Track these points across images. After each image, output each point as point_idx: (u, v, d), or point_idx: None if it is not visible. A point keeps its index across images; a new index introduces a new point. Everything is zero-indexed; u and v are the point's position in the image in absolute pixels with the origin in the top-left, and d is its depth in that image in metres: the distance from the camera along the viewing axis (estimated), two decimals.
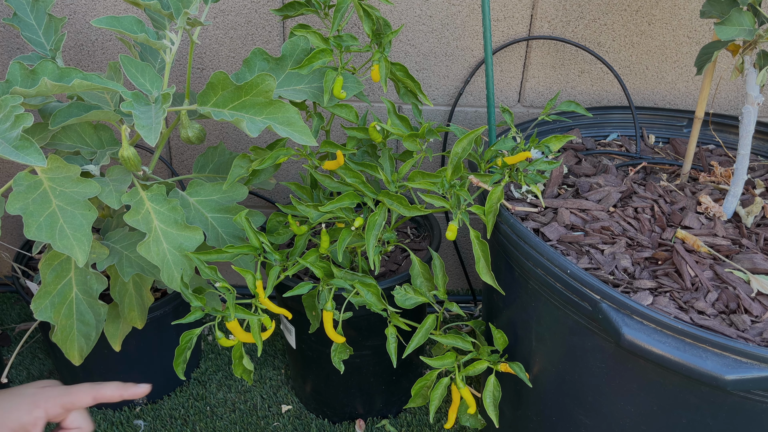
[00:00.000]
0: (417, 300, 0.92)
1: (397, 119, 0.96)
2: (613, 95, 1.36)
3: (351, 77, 0.97)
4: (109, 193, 0.86)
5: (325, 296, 0.93)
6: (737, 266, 0.82)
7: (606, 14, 1.27)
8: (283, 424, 1.28)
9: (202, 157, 1.08)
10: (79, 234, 0.79)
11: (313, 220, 0.93)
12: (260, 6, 1.26)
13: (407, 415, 1.30)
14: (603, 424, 0.81)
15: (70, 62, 1.30)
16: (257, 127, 0.80)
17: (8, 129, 0.71)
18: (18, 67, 0.76)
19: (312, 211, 0.93)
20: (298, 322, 1.14)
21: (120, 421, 1.26)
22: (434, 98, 1.36)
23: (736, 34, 0.81)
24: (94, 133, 0.94)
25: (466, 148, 0.87)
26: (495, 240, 0.91)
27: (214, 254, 0.89)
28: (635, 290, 0.79)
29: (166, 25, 0.93)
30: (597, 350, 0.77)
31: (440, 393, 0.89)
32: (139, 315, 1.03)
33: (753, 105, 0.88)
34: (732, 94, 1.37)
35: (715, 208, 0.94)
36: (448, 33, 1.28)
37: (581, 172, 1.06)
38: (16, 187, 0.78)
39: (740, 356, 0.63)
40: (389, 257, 1.16)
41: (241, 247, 0.90)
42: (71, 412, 0.73)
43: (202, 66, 1.31)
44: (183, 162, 1.44)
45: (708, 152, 1.16)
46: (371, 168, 0.95)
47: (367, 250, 0.88)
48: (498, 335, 0.90)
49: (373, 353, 1.15)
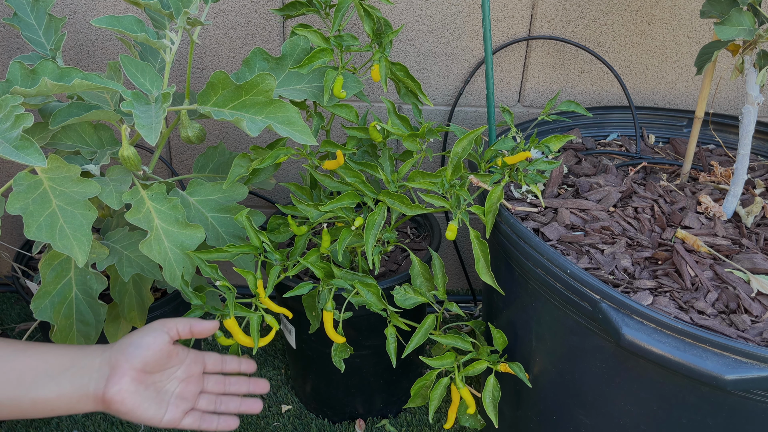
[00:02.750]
0: (417, 300, 0.92)
1: (397, 119, 0.96)
2: (613, 95, 1.36)
3: (351, 77, 0.97)
4: (110, 193, 0.86)
5: (325, 296, 0.93)
6: (737, 266, 0.82)
7: (606, 14, 1.27)
8: (283, 424, 1.28)
9: (202, 156, 1.08)
10: (79, 234, 0.79)
11: (313, 219, 0.93)
12: (260, 6, 1.26)
13: (407, 415, 1.30)
14: (603, 424, 0.81)
15: (70, 62, 1.30)
16: (257, 126, 0.80)
17: (8, 129, 0.71)
18: (18, 67, 0.76)
19: (312, 211, 0.93)
20: (299, 322, 1.14)
21: (120, 420, 1.26)
22: (434, 98, 1.36)
23: (736, 34, 0.81)
24: (94, 132, 0.94)
25: (466, 148, 0.87)
26: (495, 240, 0.91)
27: (215, 253, 0.89)
28: (635, 290, 0.79)
29: (166, 25, 0.93)
30: (597, 350, 0.77)
31: (439, 393, 0.89)
32: (139, 315, 1.03)
33: (753, 105, 0.88)
34: (732, 94, 1.37)
35: (715, 208, 0.94)
36: (448, 33, 1.28)
37: (581, 172, 1.06)
38: (16, 187, 0.78)
39: (740, 356, 0.63)
40: (389, 257, 1.16)
41: (241, 246, 0.90)
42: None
43: (202, 66, 1.31)
44: (183, 162, 1.44)
45: (708, 152, 1.16)
46: (371, 168, 0.95)
47: (366, 250, 0.88)
48: (497, 335, 0.90)
49: (373, 353, 1.15)
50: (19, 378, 0.69)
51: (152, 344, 0.73)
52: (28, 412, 0.69)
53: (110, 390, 0.70)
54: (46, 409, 0.70)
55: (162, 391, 0.75)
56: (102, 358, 0.72)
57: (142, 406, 0.72)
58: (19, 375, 0.69)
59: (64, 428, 1.25)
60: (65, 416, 1.26)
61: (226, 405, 0.82)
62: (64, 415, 0.73)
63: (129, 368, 0.71)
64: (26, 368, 0.69)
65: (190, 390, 0.78)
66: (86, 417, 1.27)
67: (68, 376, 0.70)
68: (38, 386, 0.69)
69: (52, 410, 0.70)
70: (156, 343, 0.74)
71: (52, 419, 1.26)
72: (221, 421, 0.80)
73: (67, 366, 0.71)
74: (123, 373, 0.71)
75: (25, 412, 0.69)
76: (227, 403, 0.82)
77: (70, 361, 0.71)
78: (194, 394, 0.79)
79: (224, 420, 0.80)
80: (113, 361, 0.71)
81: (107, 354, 0.72)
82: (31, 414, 0.70)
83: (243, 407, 0.83)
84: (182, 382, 0.78)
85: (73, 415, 0.74)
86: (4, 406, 0.68)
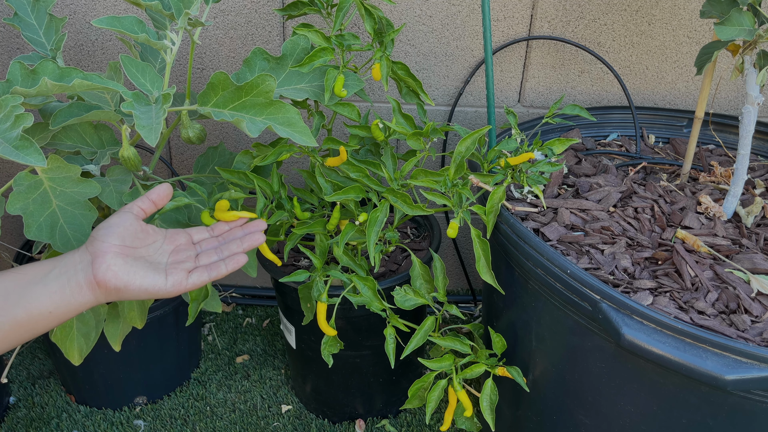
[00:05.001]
0: (416, 301, 0.92)
1: (401, 118, 0.96)
2: (613, 95, 1.36)
3: (352, 75, 0.97)
4: (110, 193, 0.86)
5: (320, 287, 0.93)
6: (737, 266, 0.82)
7: (606, 14, 1.27)
8: (283, 424, 1.28)
9: (202, 157, 1.08)
10: (79, 234, 0.80)
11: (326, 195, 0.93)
12: (260, 6, 1.26)
13: (407, 415, 1.30)
14: (603, 424, 0.81)
15: (71, 62, 1.30)
16: (257, 127, 0.80)
17: (8, 129, 0.71)
18: (18, 67, 0.76)
19: (328, 187, 0.93)
20: (298, 322, 1.14)
21: (120, 421, 1.27)
22: (434, 98, 1.36)
23: (736, 34, 0.81)
24: (95, 133, 0.94)
25: (469, 148, 0.87)
26: (495, 240, 0.91)
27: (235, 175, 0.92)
28: (635, 290, 0.79)
29: (166, 26, 0.93)
30: (597, 350, 0.77)
31: (437, 395, 0.89)
32: (138, 315, 1.03)
33: (753, 105, 0.88)
34: (732, 94, 1.37)
35: (715, 208, 0.94)
36: (448, 33, 1.29)
37: (581, 172, 1.07)
38: (16, 187, 0.78)
39: (740, 356, 0.63)
40: (389, 257, 1.16)
41: (262, 180, 0.91)
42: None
43: (202, 66, 1.31)
44: (183, 162, 1.44)
45: (708, 152, 1.16)
46: (374, 165, 0.95)
47: (368, 247, 0.88)
48: (497, 339, 0.90)
49: (372, 353, 1.15)
50: (6, 294, 0.67)
51: (120, 222, 0.72)
52: (27, 326, 0.67)
53: (99, 269, 0.68)
54: (43, 314, 0.68)
55: (155, 262, 0.73)
56: (80, 252, 0.70)
57: (138, 274, 0.70)
58: (4, 291, 0.67)
59: (64, 428, 1.25)
60: (65, 415, 1.26)
61: (228, 249, 0.79)
62: (68, 318, 0.70)
63: (108, 246, 0.69)
64: (9, 284, 0.68)
65: (184, 256, 0.76)
66: (86, 417, 1.27)
67: (53, 276, 0.68)
68: (26, 294, 0.67)
69: (50, 314, 0.68)
70: (123, 220, 0.72)
71: (52, 419, 1.26)
72: (228, 263, 0.77)
73: (49, 269, 0.69)
74: (104, 251, 0.69)
75: (24, 328, 0.67)
76: (228, 247, 0.79)
77: (51, 265, 0.70)
78: (191, 257, 0.76)
79: (231, 261, 0.77)
80: (91, 249, 0.70)
81: (83, 247, 0.71)
82: (32, 328, 0.68)
83: (245, 244, 0.80)
84: (172, 253, 0.76)
85: (71, 315, 0.71)
86: (1, 329, 0.66)
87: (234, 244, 0.79)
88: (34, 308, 0.67)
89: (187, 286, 0.72)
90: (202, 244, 0.79)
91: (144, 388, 1.29)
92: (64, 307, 0.68)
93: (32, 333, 0.69)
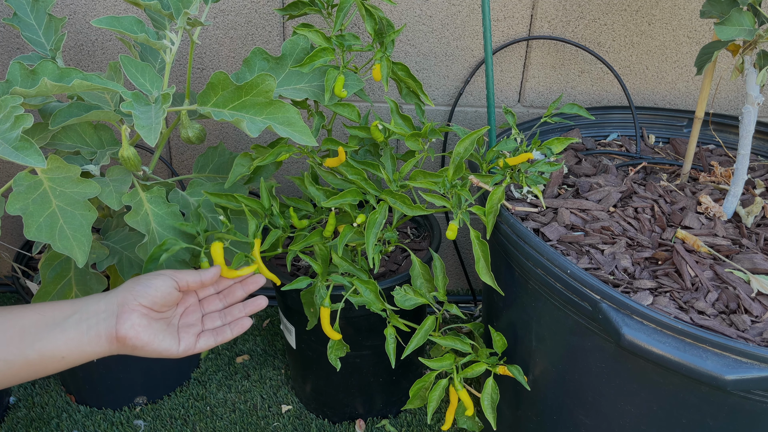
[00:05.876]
0: (417, 301, 0.92)
1: (400, 119, 0.96)
2: (613, 95, 1.36)
3: (352, 75, 0.97)
4: (110, 193, 0.86)
5: (322, 292, 0.93)
6: (737, 266, 0.82)
7: (606, 14, 1.27)
8: (283, 424, 1.28)
9: (202, 157, 1.08)
10: (79, 234, 0.79)
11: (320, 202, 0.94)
12: (260, 6, 1.26)
13: (407, 415, 1.30)
14: (603, 424, 0.81)
15: (70, 62, 1.30)
16: (257, 127, 0.80)
17: (8, 129, 0.71)
18: (18, 67, 0.76)
19: (321, 195, 0.94)
20: (298, 322, 1.14)
21: (120, 421, 1.27)
22: (434, 98, 1.36)
23: (736, 34, 0.81)
24: (94, 133, 0.94)
25: (468, 148, 0.87)
26: (495, 240, 0.91)
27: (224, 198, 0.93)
28: (635, 290, 0.79)
29: (166, 25, 0.93)
30: (597, 350, 0.77)
31: (438, 395, 0.89)
32: None
33: (753, 105, 0.88)
34: (732, 94, 1.37)
35: (715, 208, 0.94)
36: (448, 33, 1.28)
37: (581, 172, 1.06)
38: (16, 187, 0.78)
39: (740, 356, 0.63)
40: (389, 257, 1.16)
41: (250, 200, 0.92)
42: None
43: (202, 66, 1.31)
44: (183, 162, 1.44)
45: (708, 152, 1.16)
46: (373, 166, 0.95)
47: (367, 249, 0.88)
48: (497, 338, 0.90)
49: (373, 353, 1.15)
50: (22, 333, 0.67)
51: (161, 287, 0.74)
52: (37, 367, 0.68)
53: (123, 326, 0.70)
54: (56, 358, 0.68)
55: (170, 324, 0.77)
56: (106, 300, 0.72)
57: (157, 338, 0.73)
58: (21, 330, 0.67)
59: (64, 428, 1.25)
60: (65, 415, 1.26)
61: (231, 314, 0.83)
62: (76, 365, 0.71)
63: (138, 305, 0.71)
64: (27, 323, 0.68)
65: (193, 318, 0.80)
66: (86, 417, 1.27)
67: (72, 322, 0.69)
68: (42, 336, 0.68)
69: (62, 359, 0.69)
70: (164, 286, 0.74)
71: (52, 419, 1.26)
72: (233, 328, 0.81)
73: (69, 314, 0.70)
74: (133, 309, 0.71)
75: (34, 368, 0.68)
76: (231, 312, 0.83)
77: (72, 309, 0.70)
78: (198, 320, 0.80)
79: (236, 326, 0.82)
80: (121, 300, 0.71)
81: (111, 297, 0.72)
82: (41, 369, 0.68)
83: (248, 309, 0.84)
84: (183, 315, 0.80)
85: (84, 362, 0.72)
86: (11, 365, 0.67)
87: (237, 309, 0.84)
88: (47, 351, 0.68)
89: (194, 350, 0.77)
90: (205, 302, 0.83)
91: (144, 388, 1.29)
92: (78, 354, 0.70)
93: (39, 374, 0.69)
